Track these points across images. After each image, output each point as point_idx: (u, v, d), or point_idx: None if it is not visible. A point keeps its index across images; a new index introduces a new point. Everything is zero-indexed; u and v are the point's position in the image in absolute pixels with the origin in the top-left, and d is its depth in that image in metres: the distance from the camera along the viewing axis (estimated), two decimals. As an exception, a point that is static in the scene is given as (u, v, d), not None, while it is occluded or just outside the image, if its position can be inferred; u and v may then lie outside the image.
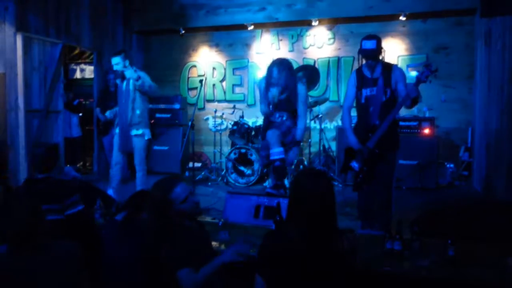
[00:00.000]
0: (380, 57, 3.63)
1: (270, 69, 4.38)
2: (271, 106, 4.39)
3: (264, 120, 4.63)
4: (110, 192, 4.85)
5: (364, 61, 3.67)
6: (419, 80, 3.35)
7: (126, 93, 4.95)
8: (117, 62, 4.87)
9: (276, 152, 4.20)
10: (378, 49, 3.56)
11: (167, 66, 7.95)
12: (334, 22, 7.00)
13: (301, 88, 4.37)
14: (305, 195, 1.81)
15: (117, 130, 5.06)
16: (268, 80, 4.36)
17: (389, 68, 3.65)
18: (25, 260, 1.87)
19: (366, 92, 3.67)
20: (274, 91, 4.30)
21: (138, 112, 4.90)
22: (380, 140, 3.53)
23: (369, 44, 3.55)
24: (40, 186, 2.81)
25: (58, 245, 1.98)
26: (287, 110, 4.42)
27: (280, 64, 4.36)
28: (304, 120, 4.43)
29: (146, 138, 4.99)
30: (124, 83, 4.97)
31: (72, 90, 7.42)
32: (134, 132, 4.93)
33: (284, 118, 4.41)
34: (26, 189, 2.86)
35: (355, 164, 3.69)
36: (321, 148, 6.64)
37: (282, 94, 4.33)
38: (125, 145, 4.98)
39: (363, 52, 3.60)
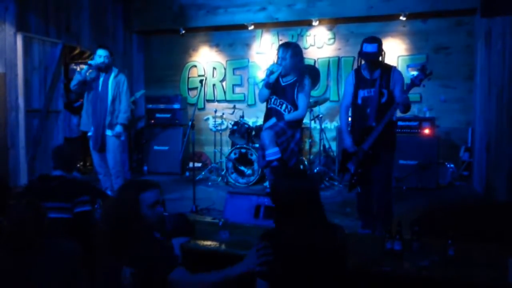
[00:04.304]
0: (380, 59, 3.61)
1: (277, 50, 4.09)
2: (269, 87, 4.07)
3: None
4: (109, 193, 4.84)
5: (363, 62, 3.66)
6: (413, 83, 3.34)
7: (102, 93, 4.78)
8: (105, 54, 4.75)
9: (272, 152, 4.04)
10: (379, 52, 3.54)
11: (167, 66, 7.95)
12: (334, 22, 7.01)
13: (307, 81, 4.06)
14: (282, 196, 1.89)
15: (90, 132, 4.90)
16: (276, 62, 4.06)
17: (388, 70, 3.62)
18: (22, 258, 1.87)
19: (363, 92, 3.65)
20: (276, 67, 3.98)
21: (117, 113, 4.81)
22: (376, 141, 3.52)
23: (370, 48, 3.52)
24: (53, 184, 2.85)
25: (57, 243, 1.98)
26: (287, 100, 4.05)
27: (287, 45, 4.10)
28: (301, 111, 4.02)
29: (122, 138, 4.85)
30: (101, 80, 4.79)
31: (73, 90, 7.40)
32: (109, 132, 4.80)
33: (283, 108, 4.05)
34: (39, 185, 2.90)
35: (351, 166, 3.69)
36: (321, 148, 6.65)
37: (286, 76, 4.02)
38: (99, 145, 4.83)
39: (363, 55, 3.57)
